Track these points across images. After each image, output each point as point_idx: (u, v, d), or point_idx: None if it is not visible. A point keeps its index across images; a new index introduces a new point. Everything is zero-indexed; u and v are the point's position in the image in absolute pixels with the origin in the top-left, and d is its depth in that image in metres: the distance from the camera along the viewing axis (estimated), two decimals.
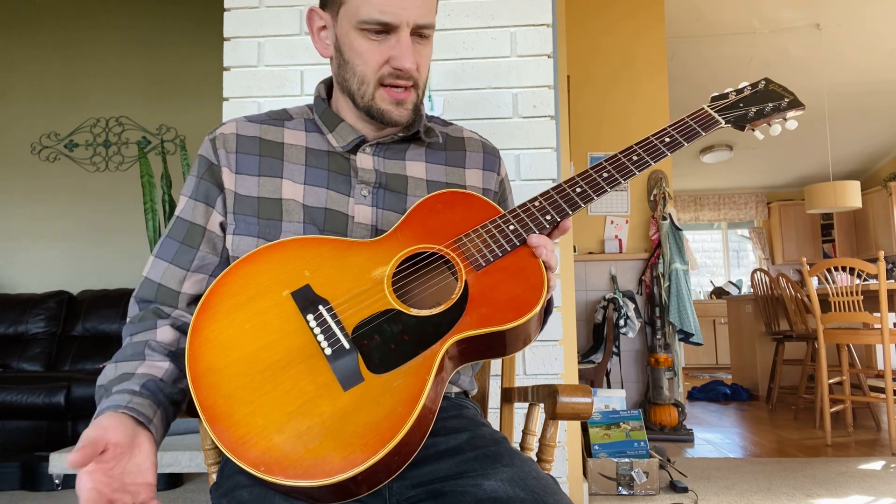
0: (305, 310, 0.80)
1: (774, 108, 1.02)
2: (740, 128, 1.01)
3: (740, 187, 8.64)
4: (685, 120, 0.99)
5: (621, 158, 0.94)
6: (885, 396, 3.29)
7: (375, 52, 0.90)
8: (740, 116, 1.01)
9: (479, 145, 1.09)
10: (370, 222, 0.96)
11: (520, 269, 0.85)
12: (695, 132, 0.97)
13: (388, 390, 0.73)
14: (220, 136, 0.97)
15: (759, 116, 1.01)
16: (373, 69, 0.91)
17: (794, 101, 1.03)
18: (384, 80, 0.92)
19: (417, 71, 0.93)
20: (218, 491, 0.82)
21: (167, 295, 0.92)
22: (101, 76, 4.35)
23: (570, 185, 0.92)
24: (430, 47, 0.96)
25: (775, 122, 1.02)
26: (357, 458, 0.67)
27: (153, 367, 0.83)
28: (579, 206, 0.90)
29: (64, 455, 2.10)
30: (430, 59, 0.98)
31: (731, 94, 1.04)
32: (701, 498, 2.41)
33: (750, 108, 1.02)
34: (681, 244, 3.75)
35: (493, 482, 0.77)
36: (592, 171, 0.93)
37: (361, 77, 0.92)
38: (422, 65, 0.94)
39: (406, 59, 0.89)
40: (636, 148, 0.95)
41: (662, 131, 0.97)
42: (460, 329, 0.79)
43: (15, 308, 3.73)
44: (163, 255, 0.94)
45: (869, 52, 5.24)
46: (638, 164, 0.94)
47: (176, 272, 0.93)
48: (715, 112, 1.00)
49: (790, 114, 1.02)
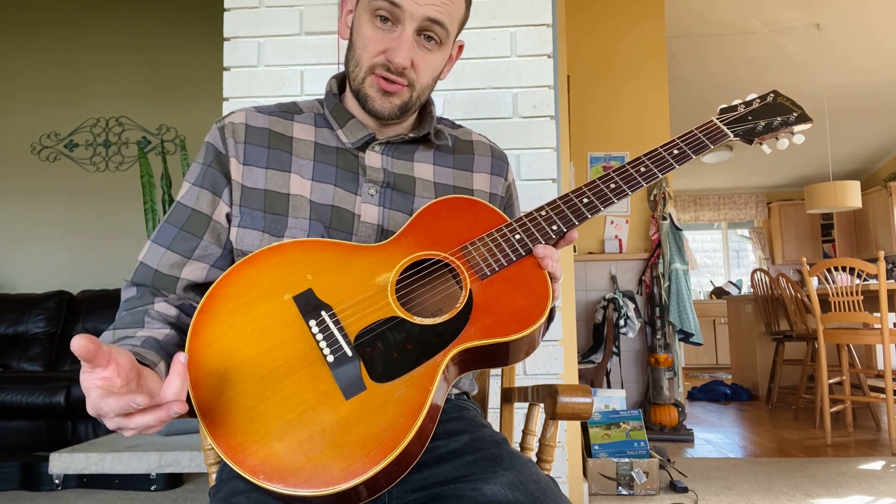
0: (308, 315, 0.78)
1: (783, 123, 1.01)
2: (748, 141, 1.00)
3: (740, 187, 8.64)
4: (694, 132, 0.98)
5: (629, 170, 0.93)
6: (885, 396, 3.29)
7: (376, 41, 0.90)
8: (749, 130, 1.00)
9: (487, 149, 1.08)
10: (376, 222, 0.95)
11: (525, 280, 0.84)
12: (703, 145, 0.97)
13: (391, 400, 0.72)
14: (228, 124, 0.95)
15: (768, 130, 1.00)
16: (370, 55, 0.90)
17: (802, 115, 1.02)
18: (375, 69, 0.91)
19: (414, 70, 0.91)
20: (217, 496, 0.81)
21: (164, 280, 0.91)
22: (101, 76, 4.35)
23: (577, 196, 0.91)
24: (437, 55, 0.93)
25: (783, 136, 1.02)
26: (358, 468, 0.67)
27: (153, 332, 0.82)
28: (586, 217, 0.89)
29: (64, 455, 2.10)
30: (437, 68, 0.95)
31: (741, 107, 1.03)
32: (701, 498, 2.41)
33: (759, 121, 1.01)
34: (681, 244, 3.75)
35: (493, 486, 0.77)
36: (600, 181, 0.92)
37: (357, 60, 0.92)
38: (421, 67, 0.91)
39: (400, 53, 0.88)
40: (644, 159, 0.94)
41: (671, 143, 0.96)
42: (464, 339, 0.78)
43: (15, 308, 3.73)
44: (160, 240, 0.92)
45: (869, 52, 5.24)
46: (646, 175, 0.93)
47: (174, 258, 0.91)
48: (724, 125, 1.00)
49: (798, 128, 1.01)
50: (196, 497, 2.46)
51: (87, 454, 2.10)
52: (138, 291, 0.90)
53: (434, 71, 0.95)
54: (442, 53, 0.94)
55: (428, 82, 0.95)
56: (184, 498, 2.45)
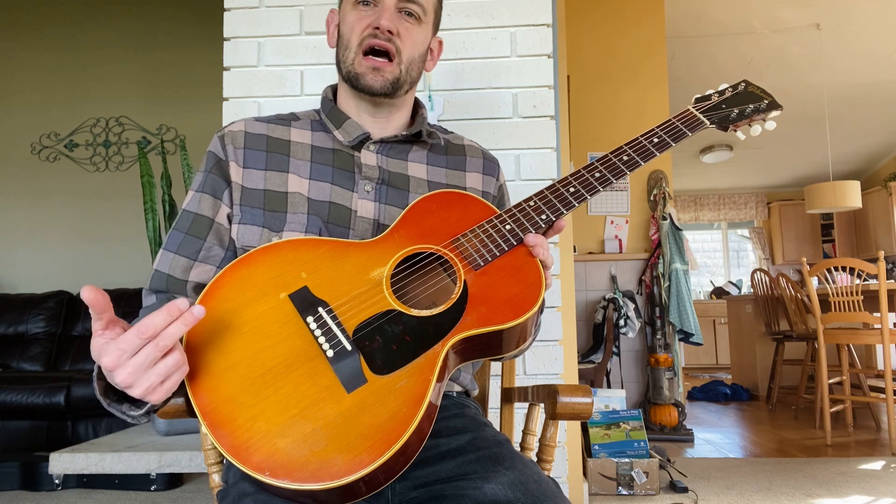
0: (305, 312, 0.79)
1: (755, 110, 1.05)
2: (724, 128, 1.04)
3: (740, 187, 8.64)
4: (672, 121, 1.01)
5: (612, 159, 0.96)
6: (885, 396, 3.29)
7: (362, 20, 0.97)
8: (723, 117, 1.04)
9: (479, 152, 1.12)
10: (373, 217, 0.98)
11: (517, 268, 0.86)
12: (681, 132, 1.00)
13: (393, 391, 0.73)
14: (228, 133, 1.00)
15: (741, 117, 1.04)
16: (358, 33, 0.97)
17: (772, 102, 1.06)
18: (364, 43, 0.96)
19: (400, 40, 0.97)
20: (225, 499, 0.82)
21: (176, 284, 0.94)
22: (101, 76, 4.35)
23: (564, 185, 0.93)
24: (419, 30, 1.00)
25: (756, 122, 1.05)
26: (364, 459, 0.67)
27: None
28: (573, 205, 0.92)
29: (64, 455, 2.10)
30: (420, 44, 1.01)
31: (714, 96, 1.07)
32: (701, 498, 2.41)
33: (732, 109, 1.05)
34: (681, 244, 3.75)
35: (494, 485, 0.77)
36: (585, 171, 0.95)
37: (347, 43, 0.99)
38: (405, 37, 0.98)
39: (384, 17, 0.95)
40: (626, 148, 0.97)
41: (651, 132, 0.99)
42: (462, 329, 0.79)
43: (15, 308, 3.73)
44: (169, 246, 0.96)
45: (869, 53, 5.24)
46: (629, 163, 0.95)
47: (181, 262, 0.94)
48: (700, 113, 1.03)
49: (770, 115, 1.06)
50: (196, 497, 2.46)
51: (87, 454, 2.10)
52: (158, 298, 0.93)
53: (417, 45, 1.00)
54: (423, 31, 1.01)
55: (414, 56, 1.00)
56: (184, 498, 2.45)
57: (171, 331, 0.66)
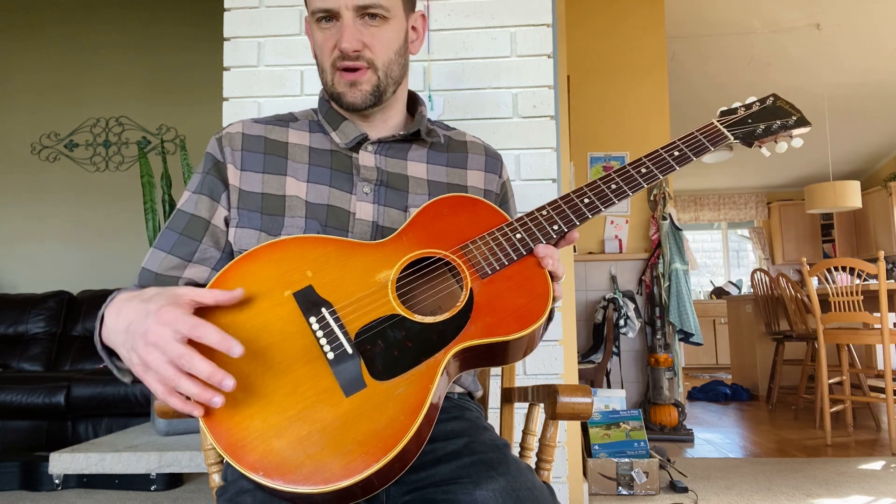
0: (308, 312, 0.78)
1: (782, 126, 1.01)
2: (748, 144, 1.00)
3: (740, 187, 8.64)
4: (694, 134, 0.98)
5: (630, 171, 0.93)
6: (885, 396, 3.29)
7: (327, 40, 0.94)
8: (749, 133, 1.00)
9: (481, 148, 1.10)
10: (371, 218, 0.96)
11: (526, 279, 0.84)
12: (704, 147, 0.97)
13: (391, 398, 0.72)
14: (226, 135, 0.99)
15: (767, 133, 1.01)
16: (327, 55, 0.95)
17: (801, 118, 1.02)
18: (336, 64, 0.94)
19: (370, 51, 0.93)
20: (223, 496, 0.82)
21: (165, 282, 0.92)
22: (101, 76, 4.35)
23: (578, 196, 0.91)
24: (388, 29, 0.95)
25: (782, 139, 1.02)
26: (358, 465, 0.67)
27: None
28: (587, 217, 0.90)
29: (64, 455, 2.10)
30: (394, 41, 0.96)
31: (740, 110, 1.03)
32: (701, 498, 2.41)
33: (758, 124, 1.01)
34: (681, 244, 3.75)
35: (484, 492, 0.75)
36: (601, 181, 0.92)
37: (321, 66, 0.97)
38: (374, 45, 0.94)
39: (344, 39, 0.91)
40: (645, 160, 0.95)
41: (672, 144, 0.96)
42: (465, 338, 0.78)
43: (15, 308, 3.73)
44: (161, 245, 0.94)
45: (869, 53, 5.24)
46: (647, 176, 0.93)
47: (174, 261, 0.93)
48: (724, 127, 1.00)
49: (796, 132, 1.02)
50: (196, 497, 2.46)
51: (87, 454, 2.10)
52: None
53: (390, 44, 0.96)
54: (393, 26, 0.95)
55: (390, 57, 0.96)
56: (184, 498, 2.45)
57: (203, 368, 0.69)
